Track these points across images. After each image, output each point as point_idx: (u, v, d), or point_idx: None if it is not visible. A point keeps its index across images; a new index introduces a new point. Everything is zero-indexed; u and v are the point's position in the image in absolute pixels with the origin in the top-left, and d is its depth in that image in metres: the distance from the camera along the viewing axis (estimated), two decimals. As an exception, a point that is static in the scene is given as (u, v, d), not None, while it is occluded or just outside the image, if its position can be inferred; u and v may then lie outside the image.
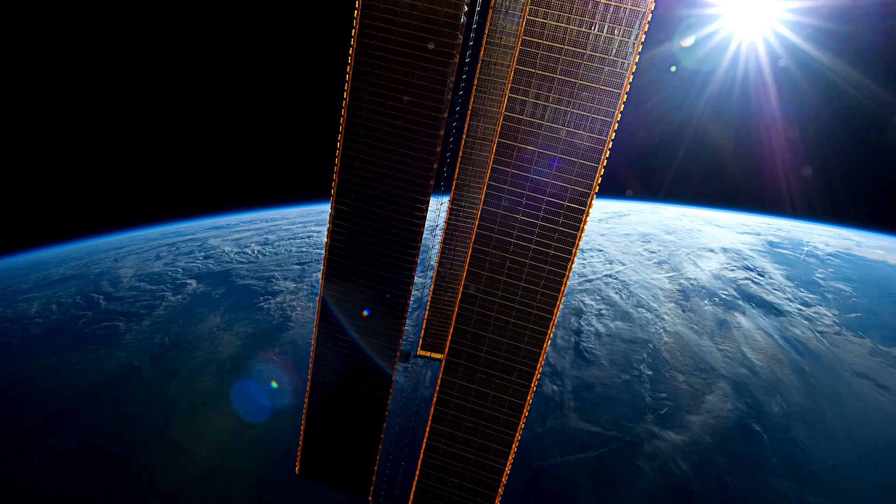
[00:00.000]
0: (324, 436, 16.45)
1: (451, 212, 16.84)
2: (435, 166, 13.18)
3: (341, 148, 13.40)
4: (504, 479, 14.35)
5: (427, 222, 13.86)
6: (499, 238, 12.66)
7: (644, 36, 10.94)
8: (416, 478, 15.04)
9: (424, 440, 14.75)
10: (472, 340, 13.56)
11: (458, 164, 16.13)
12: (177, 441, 44.74)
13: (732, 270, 74.23)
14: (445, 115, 12.70)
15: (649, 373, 52.60)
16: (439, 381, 14.17)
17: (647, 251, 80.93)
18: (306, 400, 16.23)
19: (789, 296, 66.73)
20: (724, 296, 67.23)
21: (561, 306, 12.91)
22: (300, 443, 16.83)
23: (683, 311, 64.54)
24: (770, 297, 66.29)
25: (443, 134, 12.86)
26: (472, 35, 13.36)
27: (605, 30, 11.06)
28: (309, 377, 15.99)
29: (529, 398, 13.60)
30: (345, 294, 14.83)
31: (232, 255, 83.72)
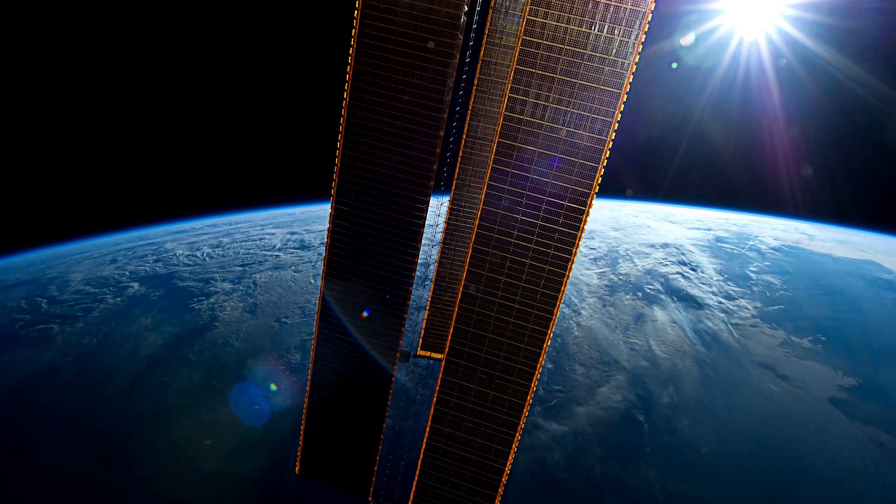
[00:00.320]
0: (324, 436, 16.44)
1: (451, 212, 16.84)
2: (435, 166, 13.18)
3: (341, 148, 13.40)
4: (504, 479, 14.35)
5: (427, 222, 13.86)
6: (499, 238, 12.66)
7: (644, 36, 10.95)
8: (416, 478, 15.04)
9: (424, 440, 14.75)
10: (473, 340, 13.56)
11: (458, 164, 16.13)
12: (76, 436, 46.11)
13: (666, 265, 75.08)
14: (445, 115, 12.70)
15: (550, 366, 53.46)
16: (439, 381, 14.16)
17: (586, 248, 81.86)
18: (306, 400, 16.23)
19: (714, 289, 67.80)
20: (648, 290, 68.12)
21: (561, 306, 12.91)
22: (300, 443, 16.82)
23: (604, 305, 65.46)
24: (694, 291, 67.32)
25: (443, 134, 12.86)
26: (472, 35, 13.36)
27: (605, 30, 11.06)
28: (309, 377, 15.99)
29: (529, 398, 13.60)
30: (345, 294, 14.83)
31: (182, 258, 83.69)
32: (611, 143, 11.55)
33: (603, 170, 11.76)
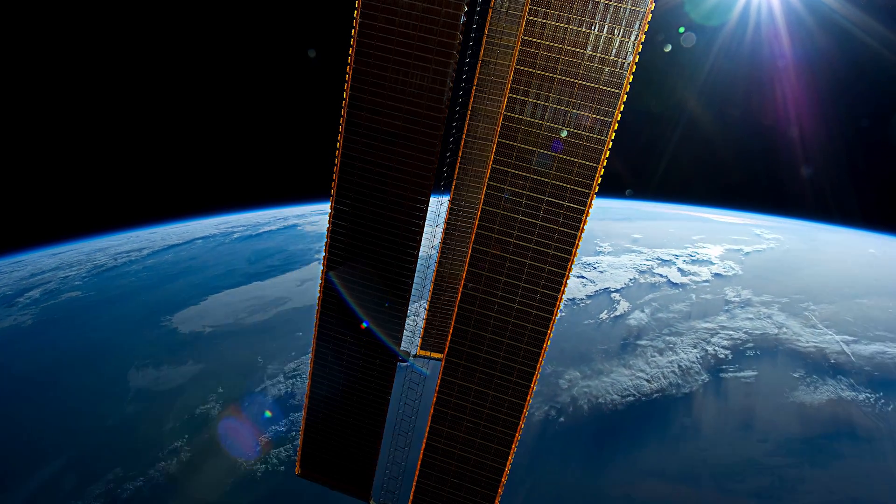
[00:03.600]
0: (324, 436, 16.45)
1: (451, 212, 16.84)
2: (435, 166, 13.17)
3: (341, 148, 13.40)
4: (504, 479, 14.35)
5: (427, 222, 13.86)
6: (499, 238, 12.66)
7: (644, 36, 10.94)
8: (416, 478, 15.04)
9: (424, 440, 14.75)
10: (472, 340, 13.56)
11: (458, 164, 16.13)
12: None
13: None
14: (445, 115, 12.70)
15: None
16: (439, 381, 14.16)
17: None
18: (306, 400, 16.23)
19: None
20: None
21: (561, 306, 12.90)
22: (300, 443, 16.82)
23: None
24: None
25: (443, 134, 12.85)
26: (472, 35, 13.36)
27: (605, 30, 11.06)
28: (309, 377, 15.99)
29: (529, 398, 13.60)
30: (344, 293, 14.82)
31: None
32: (611, 143, 11.55)
33: (603, 170, 11.76)
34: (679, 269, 77.95)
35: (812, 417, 51.86)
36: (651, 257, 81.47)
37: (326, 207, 14.12)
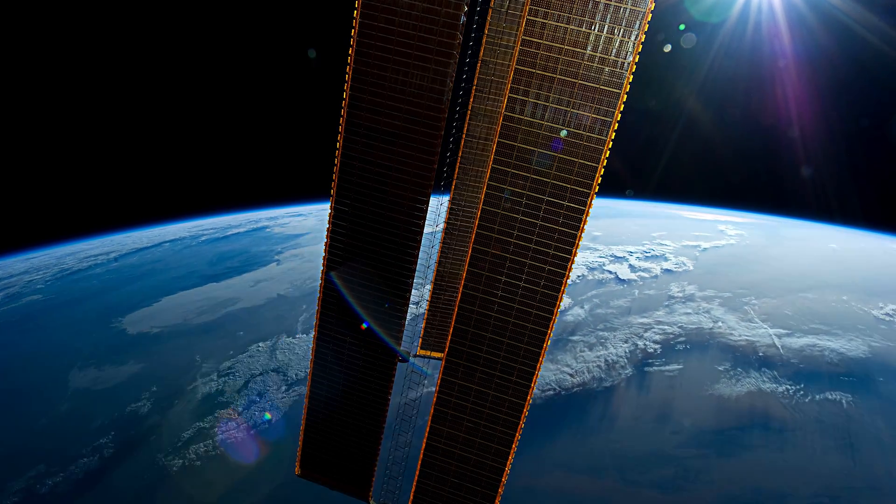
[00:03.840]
0: (323, 436, 16.44)
1: (451, 212, 16.84)
2: (435, 166, 13.17)
3: (341, 148, 13.39)
4: (504, 479, 14.35)
5: (427, 222, 13.86)
6: (499, 238, 12.66)
7: (644, 36, 10.95)
8: (416, 478, 15.03)
9: (424, 440, 14.75)
10: (472, 340, 13.55)
11: (457, 164, 16.13)
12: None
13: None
14: (445, 115, 12.70)
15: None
16: (439, 381, 14.16)
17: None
18: (306, 400, 16.22)
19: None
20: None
21: (561, 306, 12.91)
22: (300, 444, 16.82)
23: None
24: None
25: (443, 134, 12.85)
26: (473, 35, 13.36)
27: (605, 30, 11.07)
28: (309, 378, 15.98)
29: (529, 398, 13.60)
30: (344, 293, 14.82)
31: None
32: (611, 142, 11.55)
33: (603, 170, 11.76)
34: (630, 266, 78.77)
35: (729, 409, 52.76)
36: (605, 254, 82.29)
37: (301, 209, 14.10)
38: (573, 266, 12.51)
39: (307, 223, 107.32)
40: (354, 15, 12.17)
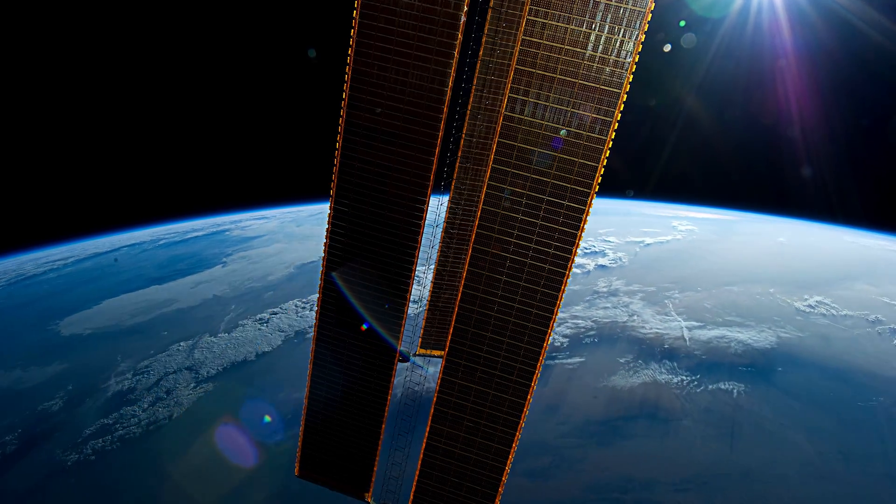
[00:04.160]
0: (323, 436, 16.43)
1: (451, 211, 16.83)
2: (435, 166, 13.17)
3: (340, 148, 13.38)
4: (504, 479, 14.36)
5: (427, 222, 13.85)
6: (499, 238, 12.66)
7: (644, 36, 10.95)
8: (416, 478, 15.03)
9: (424, 440, 14.75)
10: (472, 340, 13.56)
11: (457, 164, 16.12)
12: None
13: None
14: (445, 114, 12.69)
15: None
16: (439, 381, 14.16)
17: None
18: (305, 400, 16.21)
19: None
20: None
21: (561, 305, 12.92)
22: (299, 444, 16.80)
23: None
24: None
25: (442, 133, 12.85)
26: (473, 35, 13.35)
27: (606, 30, 11.07)
28: (308, 378, 15.97)
29: (530, 397, 13.61)
30: (344, 293, 14.81)
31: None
32: (611, 142, 11.56)
33: (603, 170, 11.77)
34: (564, 262, 78.87)
35: (620, 400, 53.00)
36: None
37: (267, 213, 14.14)
38: (573, 266, 12.52)
39: (268, 226, 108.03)
40: (354, 14, 12.16)
